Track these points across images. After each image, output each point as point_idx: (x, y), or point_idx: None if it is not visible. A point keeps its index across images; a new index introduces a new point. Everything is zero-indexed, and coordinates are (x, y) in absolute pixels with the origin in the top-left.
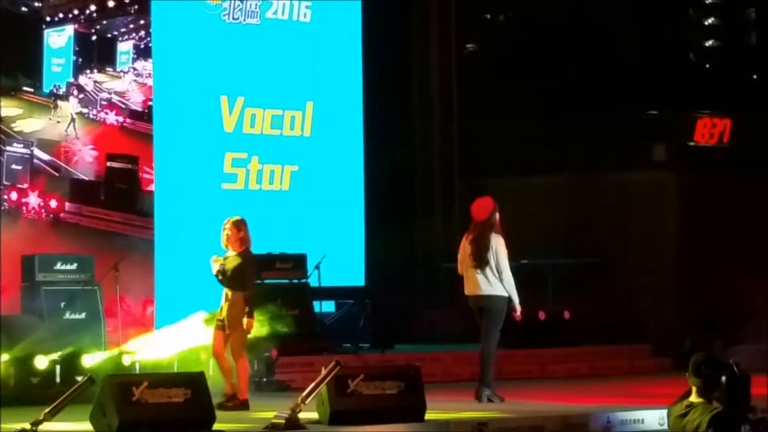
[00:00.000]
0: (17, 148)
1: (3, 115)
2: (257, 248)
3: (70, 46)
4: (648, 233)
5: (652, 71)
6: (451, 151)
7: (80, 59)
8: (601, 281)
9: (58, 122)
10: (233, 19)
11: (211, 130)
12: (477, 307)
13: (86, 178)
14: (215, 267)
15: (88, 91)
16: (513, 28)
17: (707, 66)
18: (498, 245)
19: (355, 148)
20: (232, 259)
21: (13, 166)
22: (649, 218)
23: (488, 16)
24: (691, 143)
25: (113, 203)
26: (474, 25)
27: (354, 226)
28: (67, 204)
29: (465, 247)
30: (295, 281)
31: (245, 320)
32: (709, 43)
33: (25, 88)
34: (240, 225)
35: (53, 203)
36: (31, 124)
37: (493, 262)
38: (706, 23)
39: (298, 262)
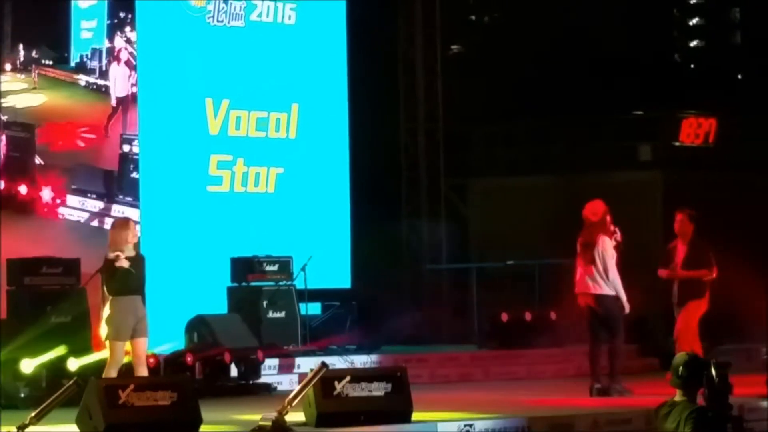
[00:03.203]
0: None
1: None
2: (243, 251)
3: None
4: (633, 233)
5: (638, 71)
6: (437, 152)
7: (115, 19)
8: None
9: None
10: (218, 21)
11: (196, 132)
12: (585, 305)
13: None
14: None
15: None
16: (498, 29)
17: (692, 66)
18: (604, 246)
19: (340, 150)
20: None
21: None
22: (635, 218)
23: (473, 17)
24: (677, 143)
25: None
26: (459, 27)
27: (340, 227)
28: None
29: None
30: (281, 283)
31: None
32: (693, 43)
33: (45, 61)
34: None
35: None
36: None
37: (599, 263)
38: (691, 23)
39: (283, 265)
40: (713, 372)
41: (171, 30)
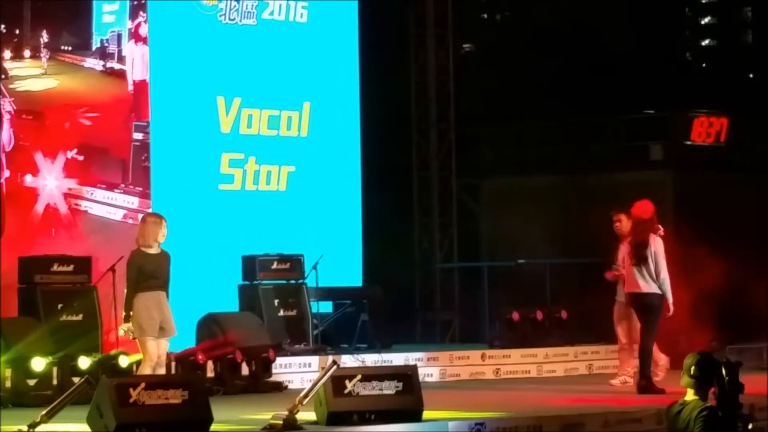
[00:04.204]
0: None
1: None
2: (254, 249)
3: None
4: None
5: (649, 70)
6: (449, 152)
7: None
8: (597, 281)
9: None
10: (230, 19)
11: (207, 130)
12: (634, 303)
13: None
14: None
15: None
16: (509, 28)
17: (704, 65)
18: (657, 245)
19: (352, 149)
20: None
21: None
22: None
23: (485, 16)
24: (688, 143)
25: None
26: (471, 26)
27: (351, 226)
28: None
29: (625, 247)
30: (293, 282)
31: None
32: (705, 42)
33: (63, 47)
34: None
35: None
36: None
37: (651, 262)
38: (703, 22)
39: (295, 263)
40: (724, 371)
41: (183, 28)
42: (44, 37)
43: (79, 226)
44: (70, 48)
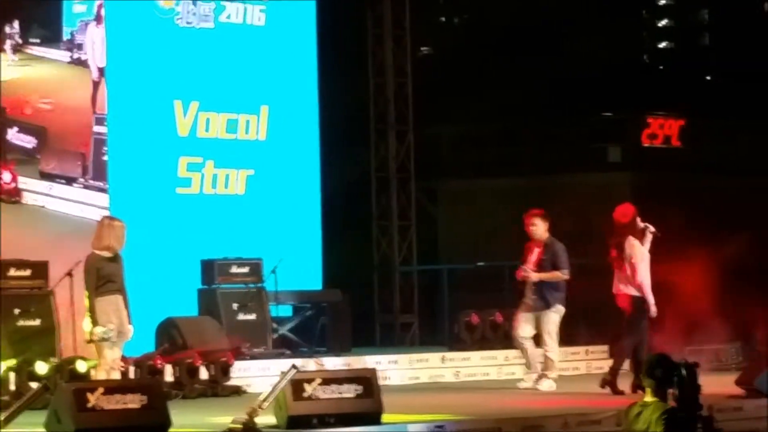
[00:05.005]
0: None
1: None
2: (213, 253)
3: None
4: (602, 234)
5: (606, 73)
6: (407, 154)
7: None
8: None
9: None
10: (187, 23)
11: (165, 134)
12: (621, 306)
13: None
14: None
15: None
16: (468, 30)
17: (661, 67)
18: (633, 249)
19: (310, 152)
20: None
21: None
22: (604, 219)
23: (443, 18)
24: (645, 145)
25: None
26: (429, 28)
27: (310, 229)
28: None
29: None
30: (252, 286)
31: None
32: (662, 44)
33: (32, 40)
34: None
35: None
36: None
37: (627, 265)
38: (660, 25)
39: (254, 267)
40: (684, 372)
41: (139, 31)
42: (14, 29)
43: (34, 221)
44: (38, 40)
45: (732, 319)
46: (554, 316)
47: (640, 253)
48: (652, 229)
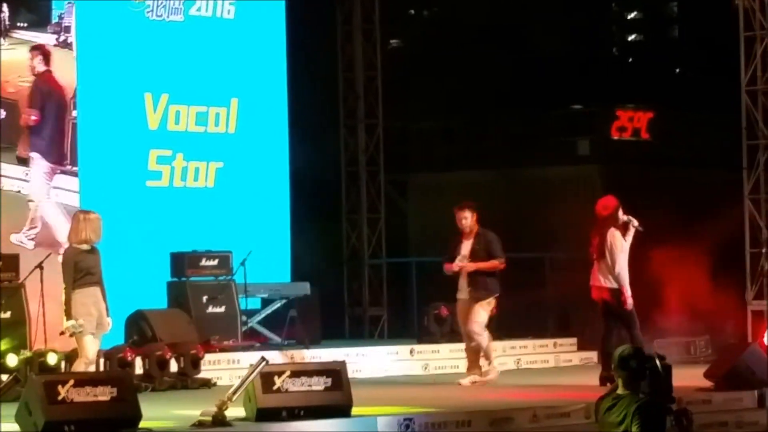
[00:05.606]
0: None
1: None
2: (183, 246)
3: None
4: (572, 227)
5: (576, 65)
6: (377, 147)
7: None
8: (526, 275)
9: None
10: (157, 16)
11: (135, 127)
12: (597, 297)
13: None
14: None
15: None
16: (437, 24)
17: (630, 60)
18: (613, 240)
19: (280, 145)
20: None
21: None
22: (574, 212)
23: (412, 11)
24: (615, 137)
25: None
26: (398, 21)
27: (279, 222)
28: None
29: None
30: (221, 278)
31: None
32: (632, 37)
33: (20, 24)
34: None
35: None
36: None
37: (608, 257)
38: (629, 17)
39: (223, 260)
40: (658, 364)
41: (110, 24)
42: (3, 12)
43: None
44: (26, 24)
45: (701, 311)
46: (487, 306)
47: (620, 244)
48: (635, 223)
